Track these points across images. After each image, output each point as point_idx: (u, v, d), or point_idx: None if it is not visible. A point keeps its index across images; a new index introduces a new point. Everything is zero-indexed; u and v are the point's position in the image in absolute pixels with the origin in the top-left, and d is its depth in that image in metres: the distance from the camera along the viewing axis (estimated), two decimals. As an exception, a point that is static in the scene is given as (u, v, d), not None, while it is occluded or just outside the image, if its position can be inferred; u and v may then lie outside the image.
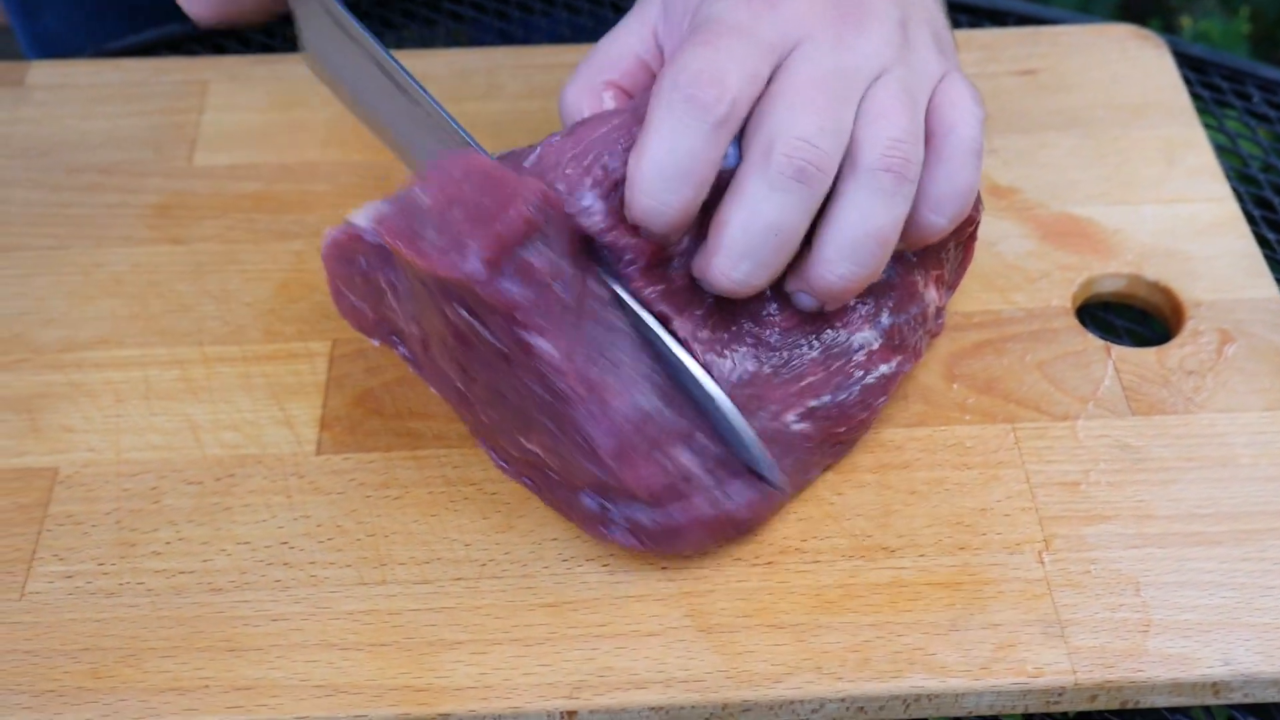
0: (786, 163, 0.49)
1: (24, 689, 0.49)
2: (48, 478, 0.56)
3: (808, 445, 0.54)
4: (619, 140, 0.51)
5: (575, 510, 0.52)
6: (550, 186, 0.49)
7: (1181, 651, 0.50)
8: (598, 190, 0.50)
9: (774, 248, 0.50)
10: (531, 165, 0.51)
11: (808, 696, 0.49)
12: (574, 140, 0.51)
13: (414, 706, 0.49)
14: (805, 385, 0.53)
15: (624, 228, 0.50)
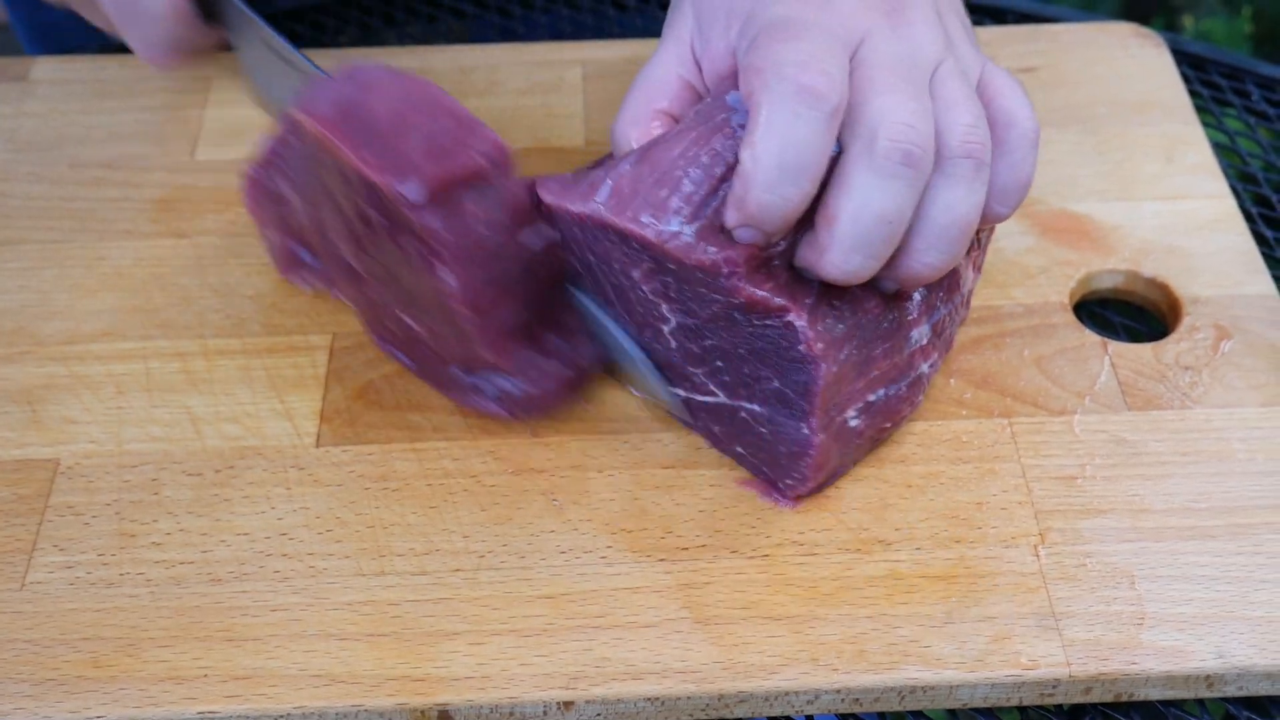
0: (892, 148, 0.48)
1: (24, 678, 0.50)
2: (49, 469, 0.56)
3: (858, 442, 0.54)
4: (696, 159, 0.49)
5: (447, 383, 0.54)
6: (634, 219, 0.49)
7: (1176, 644, 0.50)
8: (683, 214, 0.49)
9: (885, 237, 0.49)
10: (607, 199, 0.50)
11: (803, 688, 0.50)
12: (649, 166, 0.50)
13: (412, 696, 0.49)
14: (870, 379, 0.53)
15: (718, 243, 0.49)
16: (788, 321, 0.49)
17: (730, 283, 0.48)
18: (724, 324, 0.50)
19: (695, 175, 0.49)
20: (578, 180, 0.52)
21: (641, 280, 0.50)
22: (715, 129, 0.50)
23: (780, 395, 0.51)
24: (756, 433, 0.53)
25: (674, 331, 0.52)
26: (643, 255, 0.50)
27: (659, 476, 0.56)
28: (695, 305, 0.50)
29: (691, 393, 0.54)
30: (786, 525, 0.54)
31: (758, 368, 0.51)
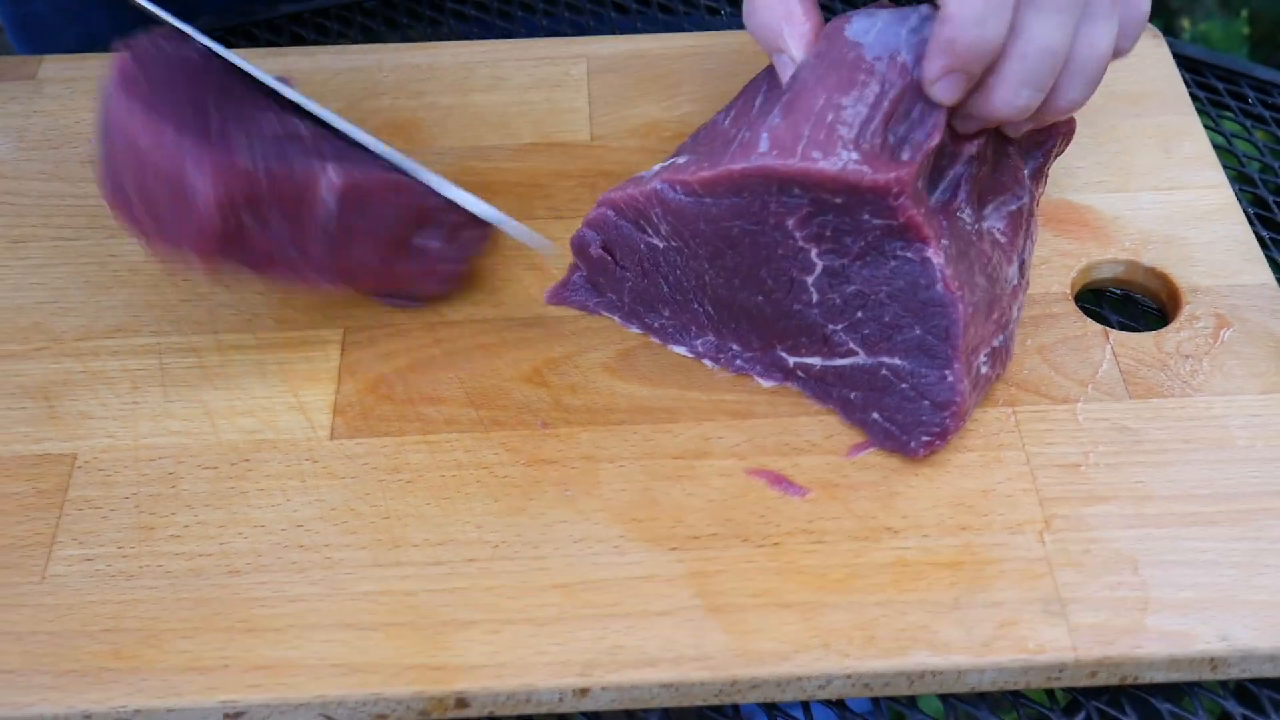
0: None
1: (47, 669, 0.51)
2: (66, 463, 0.57)
3: (984, 390, 0.57)
4: (844, 97, 0.51)
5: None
6: (806, 158, 0.50)
7: (1179, 628, 0.51)
8: (849, 146, 0.51)
9: (1050, 70, 0.52)
10: (769, 150, 0.51)
11: (815, 673, 0.50)
12: (801, 114, 0.51)
13: (430, 685, 0.50)
14: (993, 321, 0.55)
15: (886, 167, 0.50)
16: (926, 258, 0.51)
17: (899, 202, 0.50)
18: (870, 259, 0.52)
19: (848, 112, 0.51)
20: (709, 152, 0.54)
21: (795, 227, 0.52)
22: (851, 67, 0.52)
23: (922, 343, 0.53)
24: (898, 390, 0.55)
25: (817, 281, 0.54)
26: (803, 200, 0.51)
27: (669, 467, 0.56)
28: (849, 240, 0.52)
29: (830, 358, 0.56)
30: (795, 514, 0.55)
31: (899, 314, 0.53)
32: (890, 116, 0.51)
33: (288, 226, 0.54)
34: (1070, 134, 0.57)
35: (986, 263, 0.54)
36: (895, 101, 0.51)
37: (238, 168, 0.52)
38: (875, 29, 0.52)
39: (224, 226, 0.52)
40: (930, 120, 0.51)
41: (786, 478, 0.56)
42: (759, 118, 0.52)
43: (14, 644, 0.51)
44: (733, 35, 0.77)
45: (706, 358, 0.60)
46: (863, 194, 0.50)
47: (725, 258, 0.55)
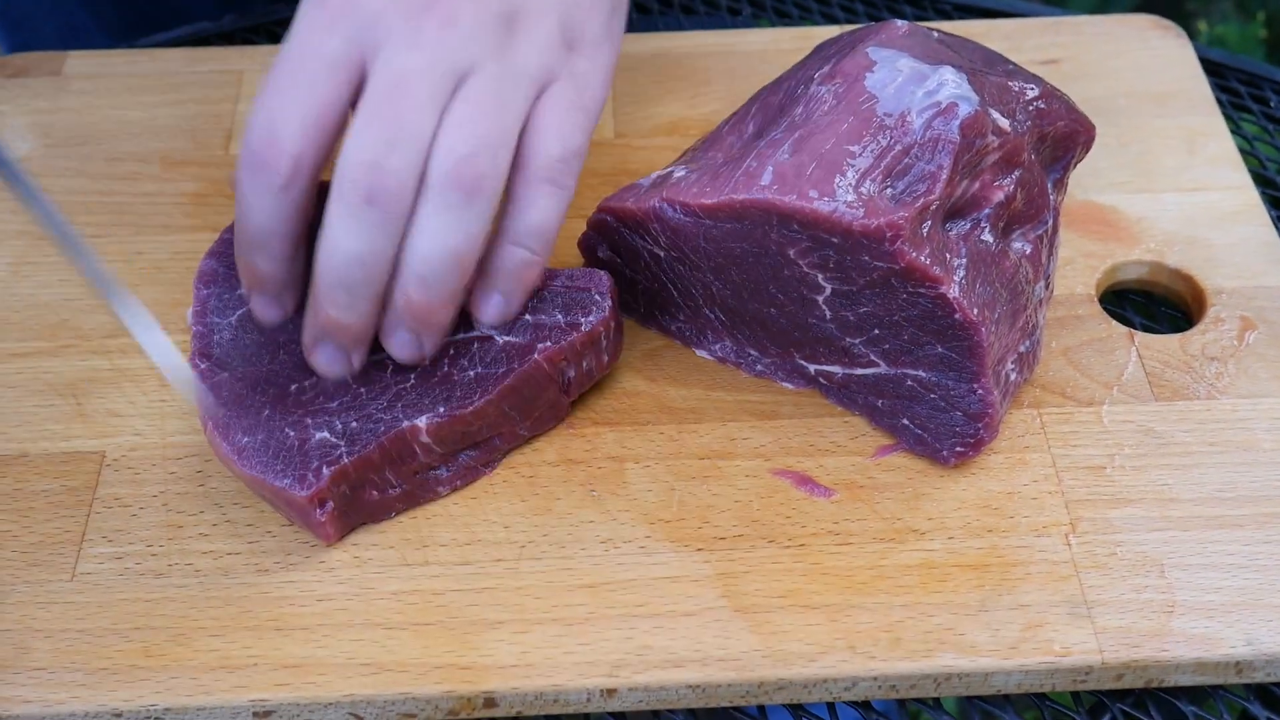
0: (353, 189, 0.48)
1: (78, 667, 0.51)
2: (95, 461, 0.57)
3: (1013, 394, 0.57)
4: (851, 142, 0.51)
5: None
6: (804, 197, 0.50)
7: (1205, 632, 0.51)
8: (847, 189, 0.50)
9: (362, 277, 0.50)
10: (771, 183, 0.51)
11: (841, 675, 0.51)
12: (808, 154, 0.51)
13: (458, 684, 0.50)
14: (1018, 329, 0.55)
15: (881, 212, 0.50)
16: (940, 294, 0.51)
17: (895, 248, 0.50)
18: (880, 290, 0.52)
19: (853, 160, 0.51)
20: (711, 173, 0.54)
21: (798, 256, 0.52)
22: (864, 118, 0.52)
23: (945, 360, 0.53)
24: (927, 400, 0.55)
25: (829, 299, 0.54)
26: (802, 236, 0.51)
27: (695, 467, 0.57)
28: (855, 273, 0.52)
29: (851, 368, 0.56)
30: (821, 515, 0.55)
31: (917, 334, 0.53)
32: (891, 171, 0.51)
33: (395, 473, 0.54)
34: (1089, 142, 0.57)
35: (1010, 278, 0.54)
36: (898, 157, 0.51)
37: (325, 474, 0.52)
38: (894, 84, 0.52)
39: (336, 517, 0.53)
40: (930, 177, 0.51)
41: (812, 479, 0.56)
42: (768, 149, 0.52)
43: (44, 641, 0.51)
44: (755, 34, 0.77)
45: (728, 362, 0.60)
46: (856, 238, 0.50)
47: (730, 272, 0.55)
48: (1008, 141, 0.52)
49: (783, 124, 0.54)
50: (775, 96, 0.57)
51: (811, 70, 0.56)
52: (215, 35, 0.81)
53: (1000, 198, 0.53)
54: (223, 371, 0.55)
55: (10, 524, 0.55)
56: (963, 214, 0.53)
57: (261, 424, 0.53)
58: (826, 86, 0.54)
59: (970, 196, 0.53)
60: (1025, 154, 0.54)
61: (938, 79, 0.52)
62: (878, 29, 0.55)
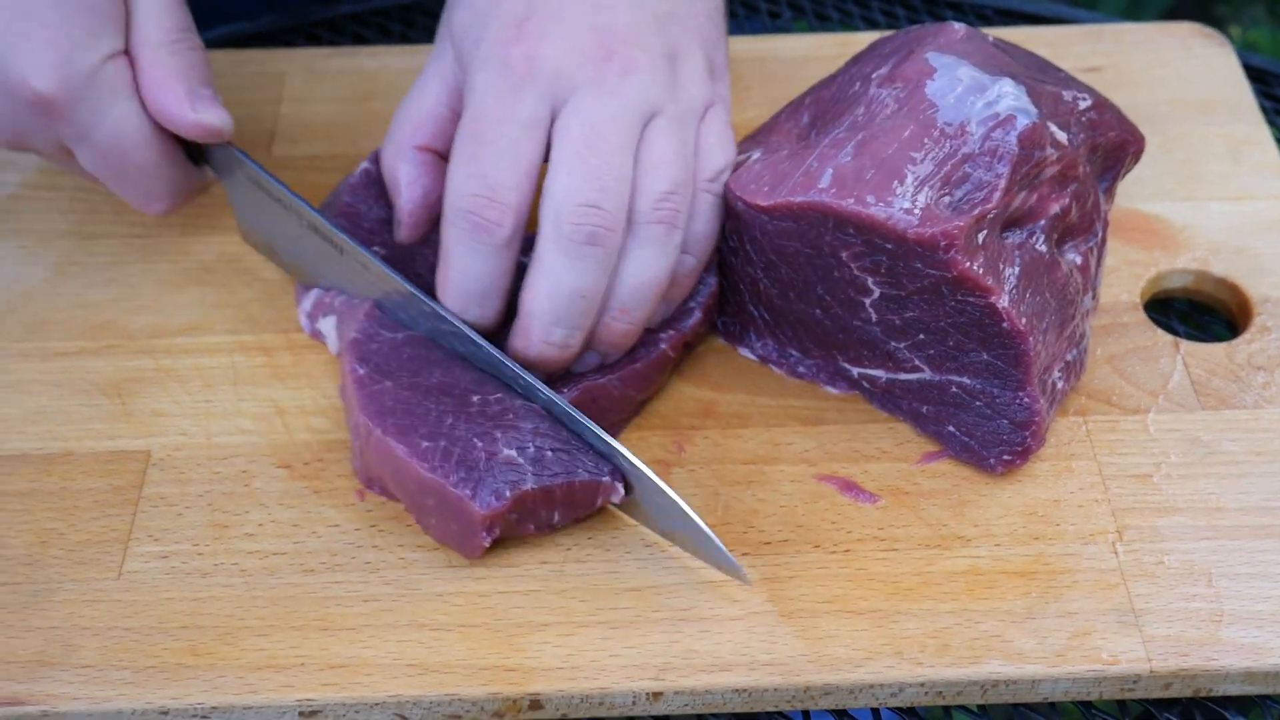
0: (576, 230, 0.52)
1: (126, 665, 0.51)
2: (141, 460, 0.57)
3: (1059, 403, 0.57)
4: (911, 149, 0.52)
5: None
6: (861, 202, 0.51)
7: (1255, 641, 0.51)
8: (905, 196, 0.51)
9: (582, 310, 0.53)
10: (829, 186, 0.52)
11: (888, 681, 0.50)
12: (869, 158, 0.52)
13: (505, 686, 0.50)
14: (1065, 338, 0.55)
15: (936, 221, 0.50)
16: (990, 304, 0.51)
17: (948, 256, 0.50)
18: (929, 296, 0.52)
19: (913, 167, 0.51)
20: (774, 165, 0.54)
21: (851, 259, 0.53)
22: (924, 125, 0.52)
23: (991, 367, 0.53)
24: (972, 408, 0.55)
25: (876, 303, 0.54)
26: (857, 240, 0.52)
27: (740, 472, 0.56)
28: (905, 279, 0.52)
29: (895, 372, 0.56)
30: (866, 521, 0.55)
31: (963, 340, 0.53)
32: (949, 179, 0.51)
33: (563, 513, 0.54)
34: (1139, 153, 0.57)
35: (1061, 288, 0.54)
36: (957, 166, 0.51)
37: (506, 497, 0.52)
38: (954, 94, 0.52)
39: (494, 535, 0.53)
40: (988, 186, 0.51)
41: (857, 484, 0.56)
42: (830, 150, 0.53)
43: (92, 639, 0.52)
44: (794, 40, 0.77)
45: (770, 362, 0.60)
46: (910, 245, 0.50)
47: (780, 270, 0.55)
48: (1065, 155, 0.52)
49: (844, 123, 0.54)
50: (828, 90, 0.57)
51: (868, 69, 0.56)
52: (252, 36, 0.81)
53: (1056, 210, 0.53)
54: (385, 380, 0.55)
55: (57, 522, 0.55)
56: (1019, 224, 0.53)
57: (444, 431, 0.53)
58: (887, 90, 0.54)
59: (1027, 208, 0.53)
60: (1080, 167, 0.53)
61: (997, 90, 0.52)
62: (936, 31, 0.55)
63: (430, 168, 0.59)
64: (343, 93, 0.73)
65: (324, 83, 0.73)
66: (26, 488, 0.56)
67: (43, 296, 0.63)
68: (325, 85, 0.73)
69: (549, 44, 0.53)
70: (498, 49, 0.54)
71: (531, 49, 0.53)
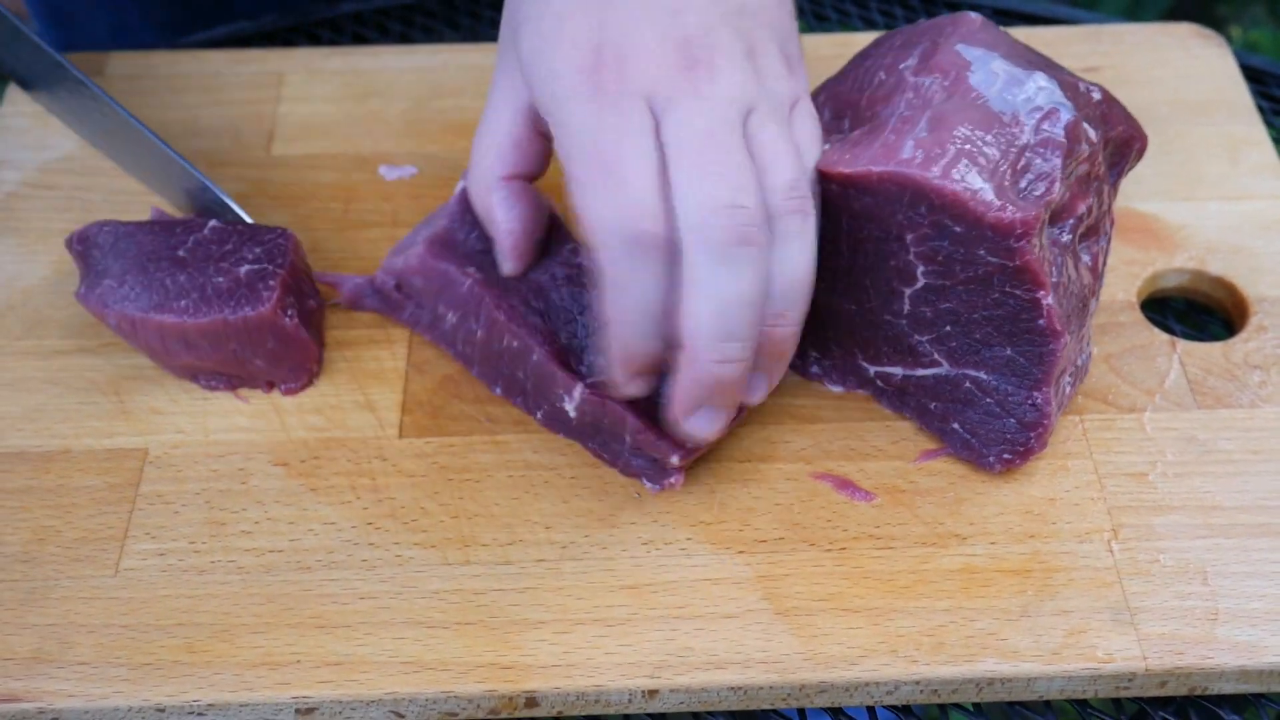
0: (729, 234, 0.49)
1: (122, 662, 0.51)
2: (138, 458, 0.57)
3: (1067, 403, 0.57)
4: (989, 130, 0.51)
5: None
6: (944, 175, 0.50)
7: (1250, 639, 0.51)
8: (984, 175, 0.50)
9: (750, 319, 0.50)
10: (912, 156, 0.51)
11: (883, 679, 0.51)
12: (947, 132, 0.51)
13: (500, 683, 0.50)
14: (1079, 341, 0.55)
15: (1015, 206, 0.50)
16: (1036, 299, 0.51)
17: (1020, 244, 0.50)
18: (975, 286, 0.52)
19: (986, 148, 0.51)
20: (855, 147, 0.53)
21: (913, 242, 0.52)
22: (982, 112, 0.52)
23: (1011, 363, 0.53)
24: (982, 405, 0.55)
25: (915, 294, 0.54)
26: (924, 220, 0.51)
27: (736, 470, 0.57)
28: (958, 267, 0.52)
29: (912, 368, 0.56)
30: (862, 519, 0.55)
31: (990, 334, 0.53)
32: (1015, 167, 0.51)
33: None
34: (1142, 150, 0.57)
35: (1080, 289, 0.54)
36: (1019, 155, 0.51)
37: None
38: (996, 86, 0.52)
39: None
40: (1048, 176, 0.51)
41: (853, 482, 0.56)
42: (901, 125, 0.52)
43: (88, 636, 0.52)
44: (806, 40, 0.77)
45: None
46: (985, 228, 0.50)
47: (839, 259, 0.55)
48: (1093, 152, 0.53)
49: (897, 106, 0.54)
50: (844, 85, 0.57)
51: (888, 61, 0.55)
52: (255, 35, 0.81)
53: (1083, 209, 0.53)
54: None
55: (54, 519, 0.55)
56: (1054, 222, 0.53)
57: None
58: (928, 79, 0.53)
59: (1062, 205, 0.53)
60: (1100, 164, 0.54)
61: (1034, 84, 0.52)
62: (954, 23, 0.55)
63: (523, 194, 0.57)
64: (342, 92, 0.73)
65: (323, 82, 0.73)
66: (24, 485, 0.56)
67: (41, 295, 0.63)
68: (324, 84, 0.73)
69: (632, 64, 0.51)
70: (584, 78, 0.51)
71: (617, 72, 0.51)
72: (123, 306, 0.57)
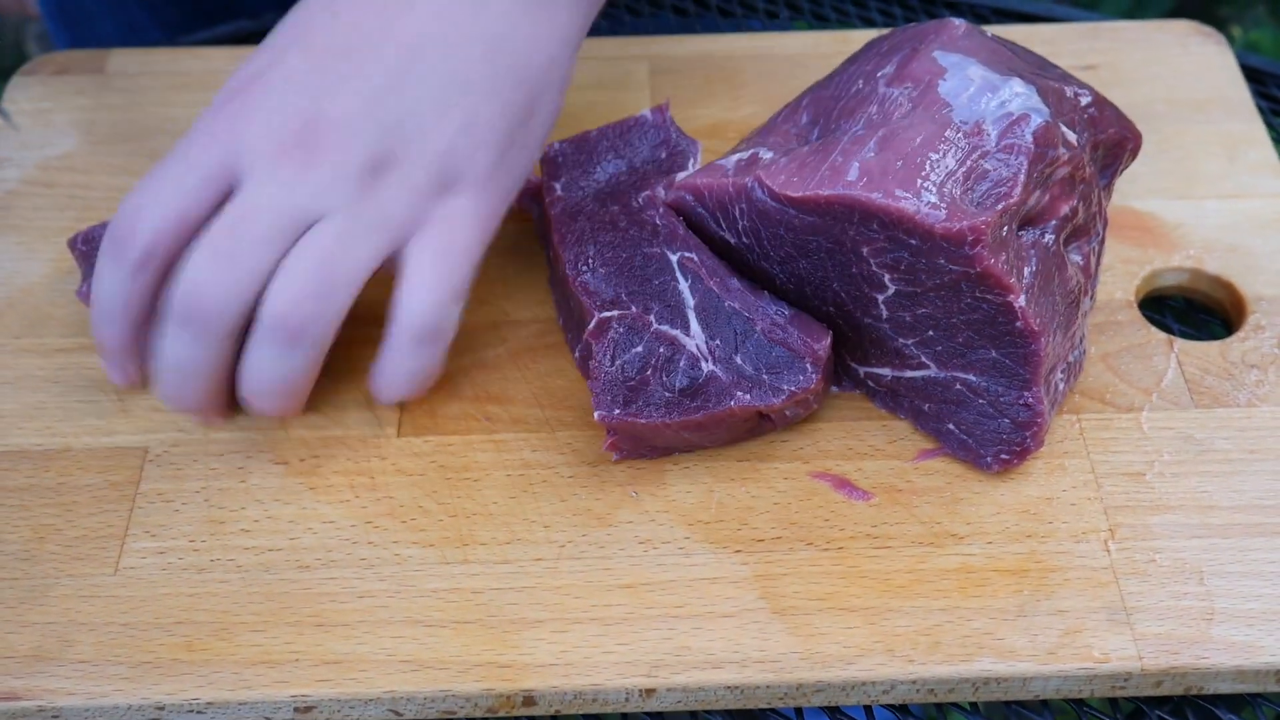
0: (177, 305, 0.52)
1: (121, 660, 0.51)
2: (138, 456, 0.58)
3: (1059, 404, 0.57)
4: (936, 145, 0.52)
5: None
6: (890, 195, 0.51)
7: (1245, 639, 0.51)
8: (932, 191, 0.51)
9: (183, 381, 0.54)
10: (857, 180, 0.52)
11: (879, 678, 0.51)
12: (893, 153, 0.52)
13: (498, 682, 0.51)
14: (1068, 337, 0.55)
15: (963, 216, 0.50)
16: (1007, 302, 0.51)
17: (974, 251, 0.50)
18: (946, 292, 0.52)
19: (935, 162, 0.51)
20: (797, 162, 0.54)
21: (872, 254, 0.53)
22: (941, 124, 0.52)
23: (998, 365, 0.53)
24: (974, 406, 0.55)
25: (889, 300, 0.54)
26: (878, 233, 0.52)
27: (733, 469, 0.57)
28: (924, 276, 0.52)
29: (900, 370, 0.56)
30: (859, 518, 0.55)
31: (973, 337, 0.53)
32: (970, 175, 0.51)
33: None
34: (1136, 150, 0.57)
35: (1067, 289, 0.54)
36: (977, 163, 0.51)
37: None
38: (967, 94, 0.53)
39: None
40: (1008, 182, 0.51)
41: (850, 482, 0.56)
42: (852, 145, 0.53)
43: (88, 634, 0.52)
44: (792, 37, 0.77)
45: None
46: (936, 240, 0.50)
47: (798, 264, 0.55)
48: (1075, 156, 0.53)
49: (858, 120, 0.54)
50: (827, 90, 0.57)
51: (869, 67, 0.56)
52: (256, 34, 0.81)
53: (1066, 210, 0.53)
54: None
55: (54, 518, 0.56)
56: (1033, 224, 0.53)
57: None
58: (898, 89, 0.54)
59: (1040, 208, 0.53)
60: (1087, 167, 0.54)
61: (1009, 90, 0.52)
62: (936, 29, 0.55)
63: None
64: (341, 90, 0.73)
65: (322, 79, 0.73)
66: (24, 483, 0.57)
67: (41, 292, 0.64)
68: (323, 82, 0.73)
69: (249, 120, 0.53)
70: (207, 113, 0.54)
71: (233, 120, 0.53)
72: None
